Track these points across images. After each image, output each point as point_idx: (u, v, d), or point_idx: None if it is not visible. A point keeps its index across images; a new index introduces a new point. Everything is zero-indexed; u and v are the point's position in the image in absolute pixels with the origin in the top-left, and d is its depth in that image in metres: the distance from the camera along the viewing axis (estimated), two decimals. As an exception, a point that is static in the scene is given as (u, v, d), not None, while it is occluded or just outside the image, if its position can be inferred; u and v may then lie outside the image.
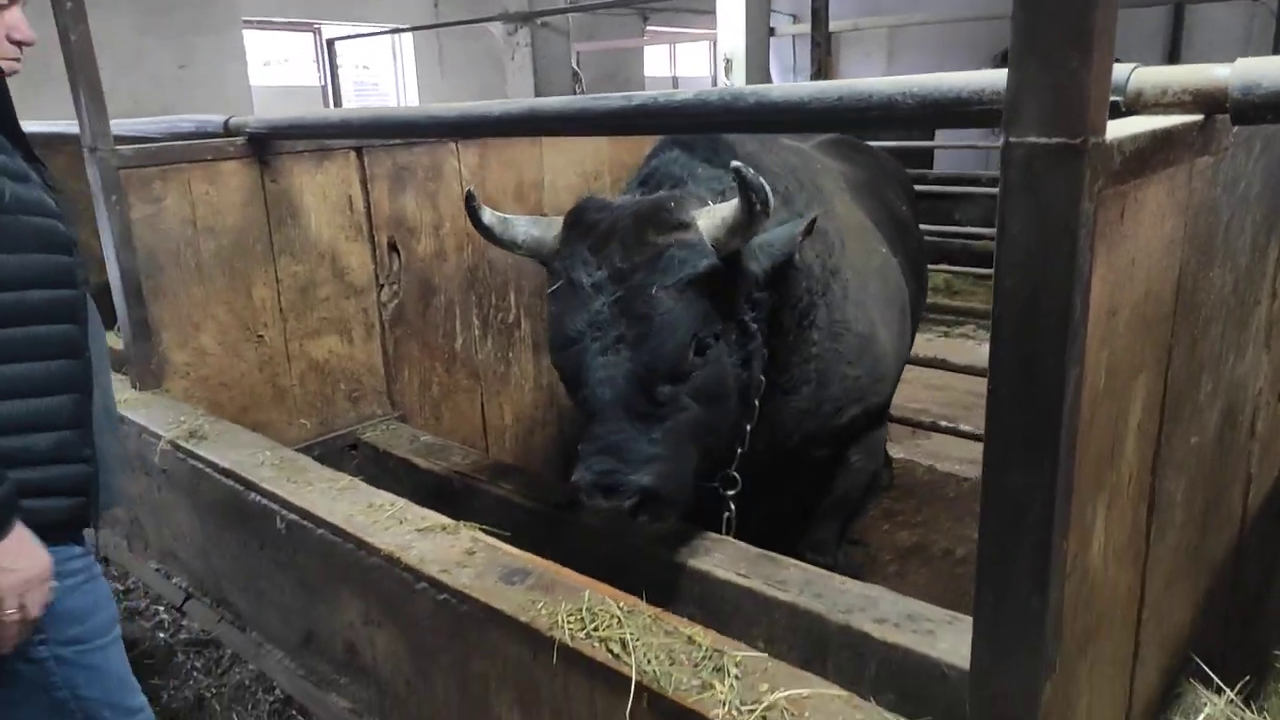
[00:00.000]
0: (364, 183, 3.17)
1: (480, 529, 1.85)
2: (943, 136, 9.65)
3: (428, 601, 1.71)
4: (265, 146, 2.87)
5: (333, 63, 7.83)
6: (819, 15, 4.69)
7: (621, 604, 1.55)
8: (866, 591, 2.10)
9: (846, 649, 2.03)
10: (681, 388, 1.93)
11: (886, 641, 1.93)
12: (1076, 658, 1.20)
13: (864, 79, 1.54)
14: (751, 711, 1.29)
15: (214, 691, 3.03)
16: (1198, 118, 1.22)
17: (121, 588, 3.62)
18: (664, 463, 1.87)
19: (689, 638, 1.46)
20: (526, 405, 3.87)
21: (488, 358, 3.68)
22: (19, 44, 1.57)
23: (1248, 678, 1.71)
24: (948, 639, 1.90)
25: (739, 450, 2.27)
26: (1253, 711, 1.64)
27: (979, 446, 4.37)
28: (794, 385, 2.44)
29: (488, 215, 2.20)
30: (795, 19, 12.80)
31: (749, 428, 2.26)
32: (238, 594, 2.30)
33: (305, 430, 3.12)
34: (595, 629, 1.48)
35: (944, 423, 5.03)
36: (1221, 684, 1.72)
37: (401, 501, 1.96)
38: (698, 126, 1.91)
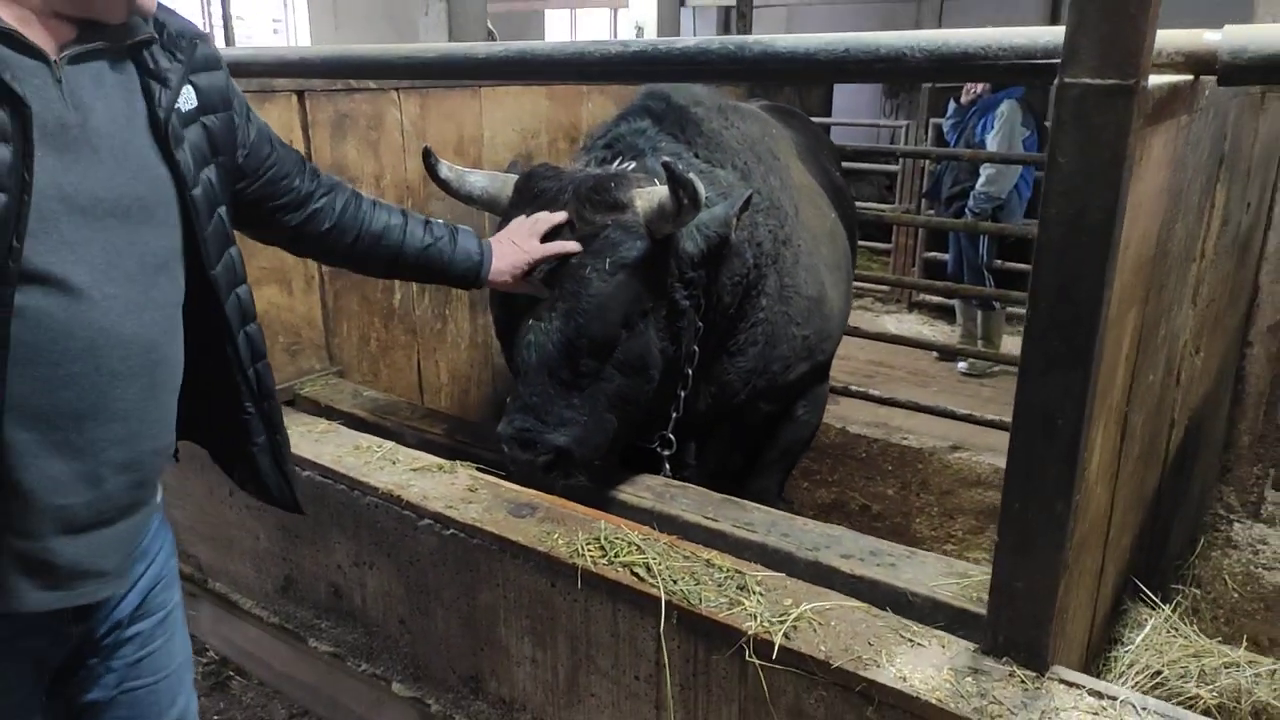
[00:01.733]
0: (305, 128, 3.06)
1: (477, 468, 1.86)
2: (838, 114, 9.99)
3: (432, 538, 1.71)
4: (206, 85, 2.74)
5: (225, 8, 7.43)
6: (743, -11, 4.78)
7: (636, 533, 1.60)
8: (829, 531, 2.22)
9: (817, 584, 2.15)
10: (605, 361, 2.03)
11: (854, 574, 2.05)
12: (1074, 564, 1.34)
13: (871, 33, 1.62)
14: (781, 623, 1.37)
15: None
16: (1188, 77, 1.35)
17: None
18: (580, 426, 1.98)
19: (707, 561, 1.54)
20: (462, 363, 3.84)
21: (425, 314, 3.63)
22: None
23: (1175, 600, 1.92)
24: (909, 571, 2.03)
25: (674, 414, 2.37)
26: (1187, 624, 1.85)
27: (883, 410, 4.66)
28: (740, 348, 2.54)
29: (444, 169, 2.26)
30: (696, -8, 12.95)
31: (683, 394, 2.35)
32: (201, 544, 2.23)
33: (243, 383, 3.02)
34: (616, 555, 1.53)
35: (854, 387, 5.28)
36: (1158, 602, 1.92)
37: (389, 444, 1.96)
38: (698, 75, 1.96)
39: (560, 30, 14.62)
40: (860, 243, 7.49)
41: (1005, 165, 5.53)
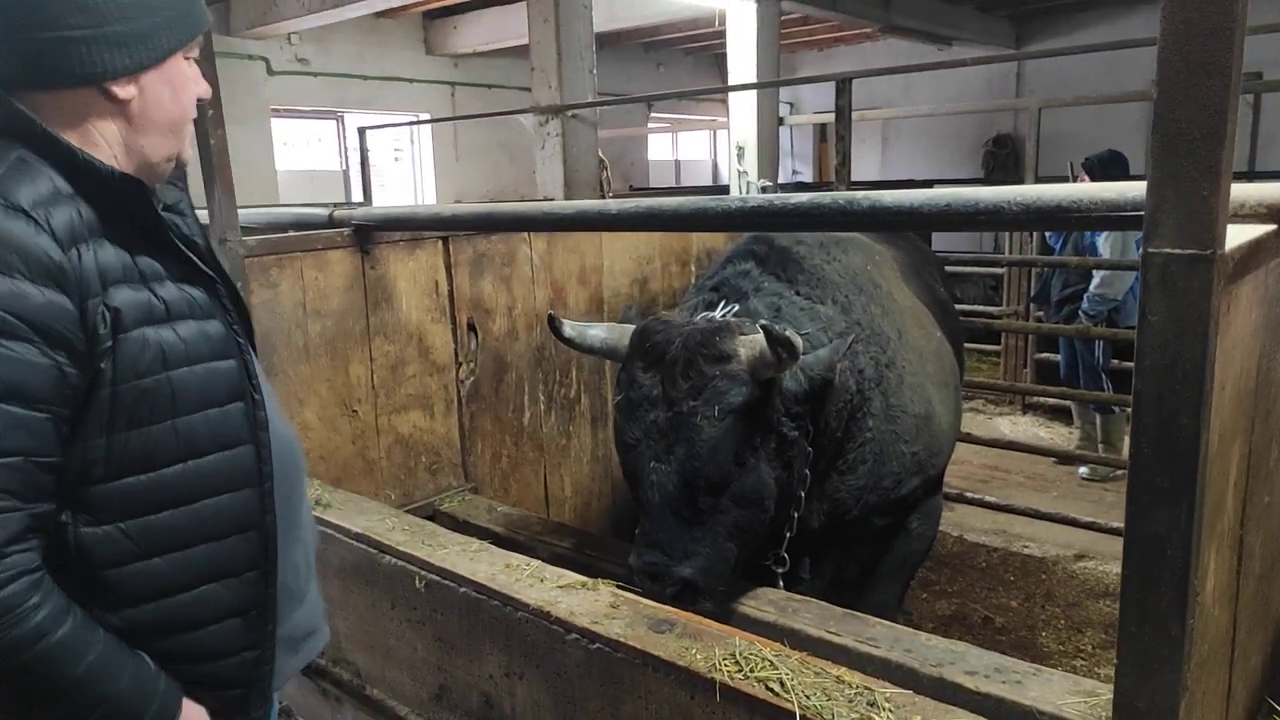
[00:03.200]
0: (448, 268, 3.41)
1: (617, 585, 2.03)
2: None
3: (579, 651, 1.87)
4: (366, 236, 3.12)
5: (363, 149, 8.18)
6: (843, 112, 5.05)
7: (770, 649, 1.73)
8: (952, 647, 2.27)
9: (941, 701, 2.20)
10: (721, 495, 2.22)
11: (979, 691, 2.09)
12: (1195, 685, 1.40)
13: (971, 189, 1.79)
14: (910, 738, 1.47)
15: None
16: (1272, 227, 1.47)
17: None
18: (703, 558, 2.19)
19: (838, 678, 1.65)
20: (585, 476, 4.05)
21: (551, 431, 3.88)
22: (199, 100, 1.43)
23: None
24: (1035, 688, 2.07)
25: (788, 534, 2.52)
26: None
27: (1002, 517, 4.65)
28: (851, 466, 2.68)
29: (568, 329, 2.54)
30: (793, 108, 13.44)
31: (796, 515, 2.51)
32: (360, 654, 2.45)
33: (390, 501, 3.29)
34: (751, 670, 1.66)
35: (969, 494, 5.25)
36: (1294, 722, 1.90)
37: (535, 562, 2.14)
38: (811, 227, 2.16)
39: (663, 148, 15.32)
40: (970, 345, 7.53)
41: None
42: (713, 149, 15.79)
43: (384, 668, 2.39)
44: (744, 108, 8.17)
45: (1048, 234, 6.30)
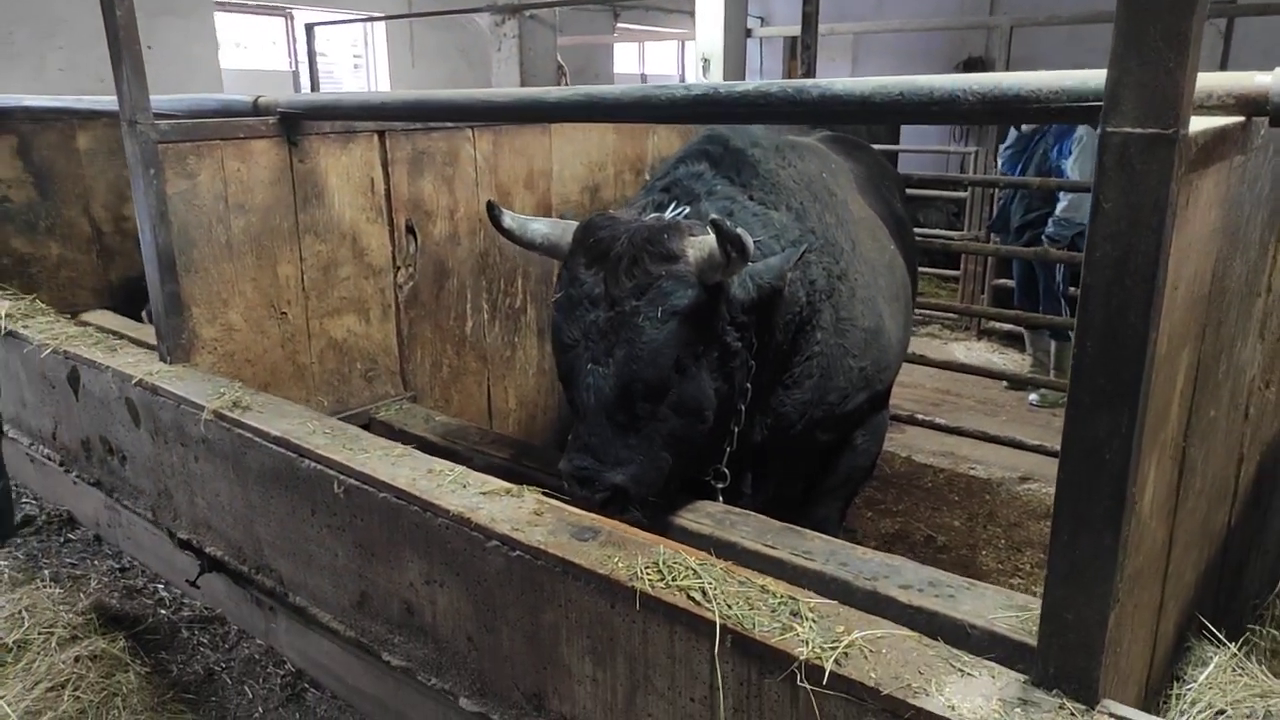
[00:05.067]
0: (385, 165, 3.23)
1: (542, 492, 1.95)
2: (907, 141, 9.96)
3: (499, 559, 1.80)
4: (294, 127, 2.92)
5: (310, 47, 7.78)
6: (810, 19, 4.84)
7: (694, 559, 1.66)
8: (889, 560, 2.24)
9: (873, 613, 2.17)
10: (659, 403, 2.13)
11: (912, 605, 2.06)
12: (1126, 597, 1.35)
13: (925, 75, 1.67)
14: (833, 649, 1.41)
15: (223, 665, 3.07)
16: (1240, 119, 1.37)
17: (117, 565, 3.63)
18: (636, 465, 2.11)
19: (762, 587, 1.58)
20: (530, 390, 3.95)
21: (495, 341, 3.76)
22: None
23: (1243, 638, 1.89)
24: (968, 602, 2.04)
25: (728, 448, 2.44)
26: (1253, 662, 1.82)
27: (951, 439, 4.62)
28: (796, 380, 2.59)
29: (507, 219, 2.40)
30: (763, 21, 13.05)
31: (736, 429, 2.42)
32: (282, 560, 2.36)
33: (322, 408, 3.17)
34: (674, 579, 1.59)
35: (920, 415, 5.25)
36: (1224, 640, 1.89)
37: (459, 468, 2.05)
38: (759, 117, 2.03)
39: (629, 60, 14.87)
40: (928, 270, 7.48)
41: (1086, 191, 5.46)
42: (680, 63, 15.36)
43: (306, 574, 2.31)
44: (710, 17, 7.88)
45: (1002, 156, 6.21)
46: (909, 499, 4.67)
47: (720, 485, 2.48)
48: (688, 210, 2.39)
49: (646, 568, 1.63)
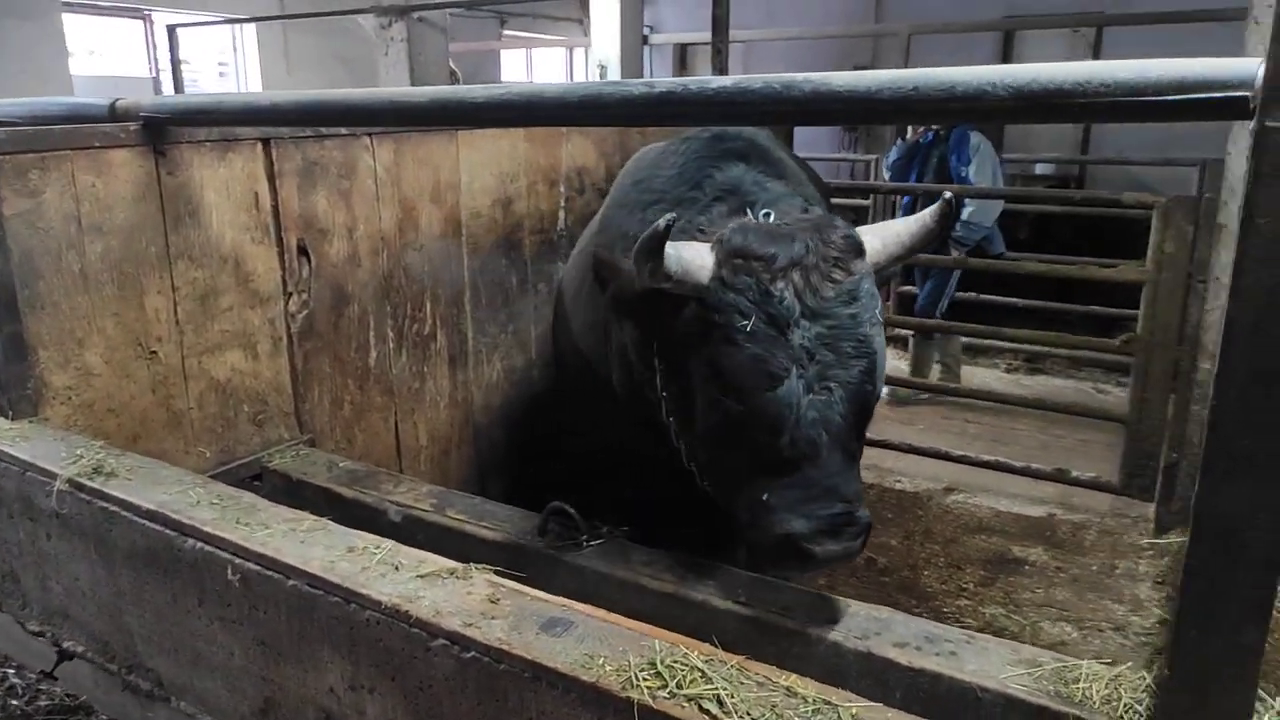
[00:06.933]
0: (271, 178, 2.81)
1: (494, 571, 1.61)
2: (798, 147, 9.96)
3: (448, 661, 1.45)
4: (161, 134, 2.48)
5: (173, 51, 7.12)
6: (720, 23, 4.62)
7: (697, 653, 1.36)
8: (874, 612, 2.01)
9: (868, 676, 1.93)
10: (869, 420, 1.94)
11: (913, 667, 1.84)
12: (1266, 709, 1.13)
13: (944, 68, 1.42)
14: (890, 772, 1.14)
15: (91, 766, 2.59)
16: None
17: (-42, 653, 3.07)
18: (861, 496, 1.87)
19: (788, 689, 1.30)
20: (442, 423, 3.57)
21: (402, 373, 3.37)
22: None
23: None
24: (972, 660, 1.84)
25: None
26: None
27: (873, 451, 4.42)
28: None
29: (672, 263, 1.89)
30: (652, 29, 12.92)
31: None
32: (161, 658, 1.93)
33: (204, 460, 2.72)
34: (679, 685, 1.29)
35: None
36: None
37: (389, 543, 1.69)
38: (734, 118, 1.75)
39: (516, 68, 14.49)
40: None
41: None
42: (569, 72, 15.06)
43: (192, 676, 1.89)
44: (607, 23, 7.65)
45: (887, 163, 6.29)
46: (843, 519, 4.51)
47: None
48: (773, 214, 2.12)
49: (641, 670, 1.32)
